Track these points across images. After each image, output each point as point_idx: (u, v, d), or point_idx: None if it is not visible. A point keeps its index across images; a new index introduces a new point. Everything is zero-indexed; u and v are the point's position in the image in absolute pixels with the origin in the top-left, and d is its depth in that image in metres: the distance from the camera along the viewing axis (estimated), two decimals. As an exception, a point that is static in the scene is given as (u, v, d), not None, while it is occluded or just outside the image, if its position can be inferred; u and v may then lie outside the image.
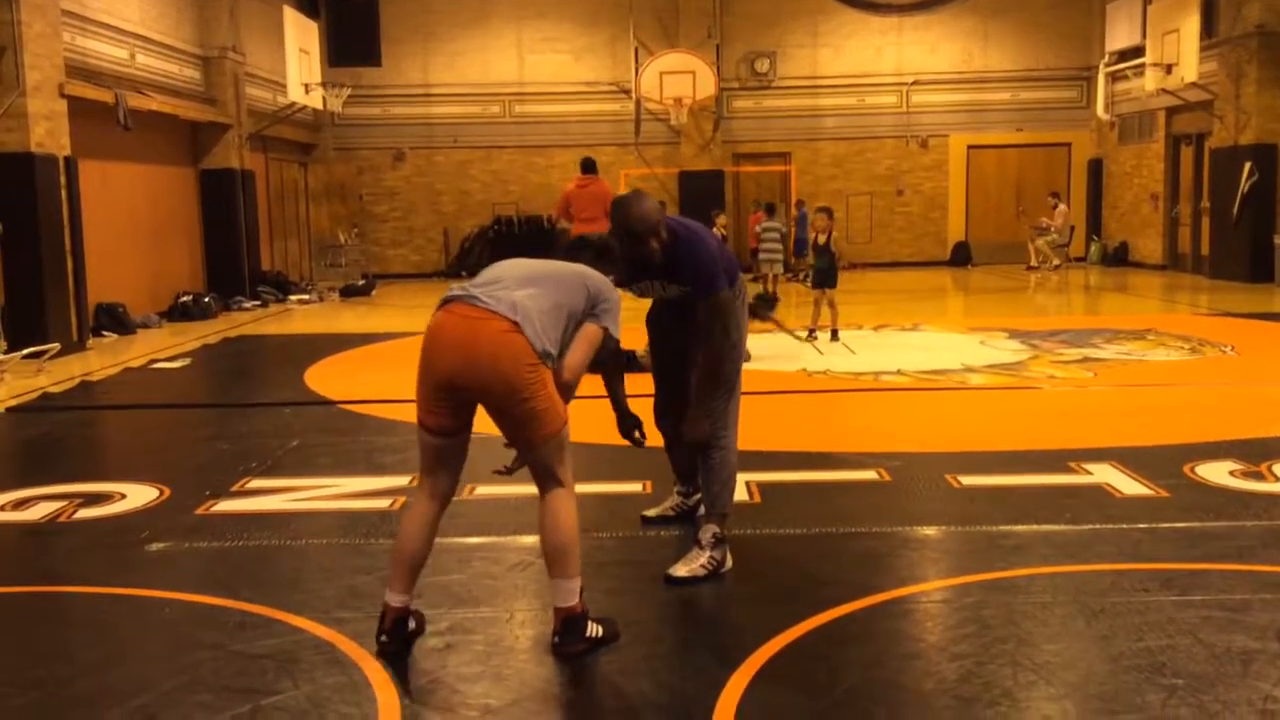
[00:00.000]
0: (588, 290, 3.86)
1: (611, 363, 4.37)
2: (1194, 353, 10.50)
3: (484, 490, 5.87)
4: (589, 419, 7.60)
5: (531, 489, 3.89)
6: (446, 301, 3.80)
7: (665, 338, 4.99)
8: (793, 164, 22.82)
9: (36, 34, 11.63)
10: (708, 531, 4.62)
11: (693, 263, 4.46)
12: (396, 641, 3.77)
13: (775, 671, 3.59)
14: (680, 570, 4.53)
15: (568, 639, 3.74)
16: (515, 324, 3.63)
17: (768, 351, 10.75)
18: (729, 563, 4.60)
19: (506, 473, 4.00)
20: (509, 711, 3.37)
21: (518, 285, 3.76)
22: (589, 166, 10.72)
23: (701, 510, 4.80)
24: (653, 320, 5.04)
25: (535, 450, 3.77)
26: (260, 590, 4.40)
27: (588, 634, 3.77)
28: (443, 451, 3.88)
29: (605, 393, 4.76)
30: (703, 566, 4.53)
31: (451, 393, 3.75)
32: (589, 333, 3.85)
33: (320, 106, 19.19)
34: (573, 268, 3.95)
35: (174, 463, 6.84)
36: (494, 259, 4.18)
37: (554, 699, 3.52)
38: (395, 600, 3.78)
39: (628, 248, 4.32)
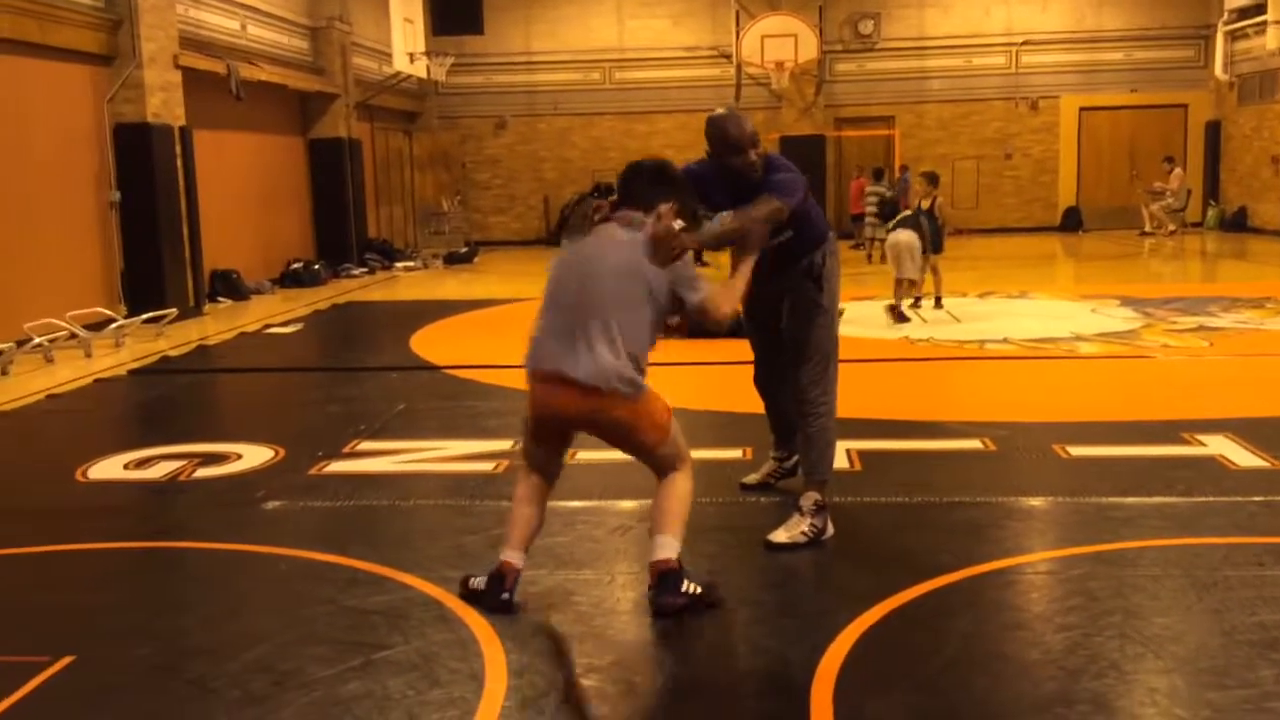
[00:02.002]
0: (643, 277, 3.79)
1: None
2: (1317, 321, 10.12)
3: (585, 455, 5.93)
4: (690, 386, 7.61)
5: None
6: (536, 359, 4.02)
7: (758, 300, 4.95)
8: (896, 128, 22.43)
9: (151, 6, 11.96)
10: (809, 498, 4.62)
11: (782, 176, 4.48)
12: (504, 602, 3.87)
13: (876, 639, 3.58)
14: (780, 536, 4.54)
15: (663, 592, 3.77)
16: (607, 391, 3.75)
17: (870, 319, 10.64)
18: (830, 530, 4.59)
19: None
20: (610, 670, 3.42)
21: (598, 331, 3.77)
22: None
23: (802, 476, 4.80)
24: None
25: (651, 456, 3.92)
26: (370, 548, 4.53)
27: (684, 589, 3.79)
28: (551, 450, 4.16)
29: (707, 360, 4.79)
30: (803, 533, 4.54)
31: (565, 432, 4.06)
32: (709, 294, 3.89)
33: (424, 75, 19.40)
34: (629, 271, 3.82)
35: (287, 424, 7.05)
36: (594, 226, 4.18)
37: (653, 660, 3.56)
38: (519, 560, 3.91)
39: (726, 158, 4.42)
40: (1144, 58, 22.52)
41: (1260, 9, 18.71)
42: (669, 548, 3.79)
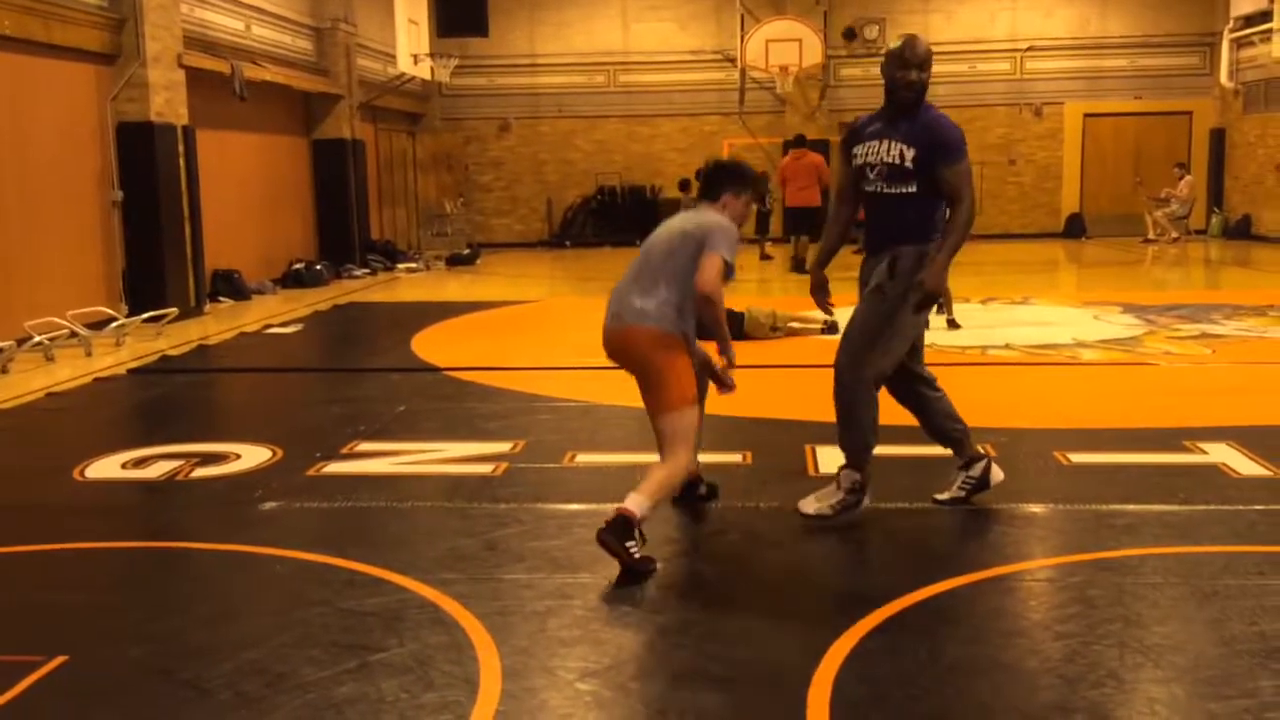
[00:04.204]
0: (689, 236, 4.43)
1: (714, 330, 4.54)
2: (1320, 330, 10.09)
3: (584, 458, 5.93)
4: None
5: (630, 458, 3.94)
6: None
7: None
8: (900, 133, 22.38)
9: (156, 5, 11.96)
10: (847, 476, 4.73)
11: (940, 127, 4.59)
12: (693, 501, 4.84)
13: (875, 644, 3.56)
14: (809, 506, 4.69)
15: (610, 530, 4.15)
16: (655, 329, 4.40)
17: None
18: (866, 502, 4.74)
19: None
20: (606, 675, 3.41)
21: (646, 281, 4.46)
22: (799, 141, 11.33)
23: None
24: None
25: (656, 421, 4.40)
26: (368, 550, 4.51)
27: (626, 542, 4.13)
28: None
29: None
30: (831, 507, 4.66)
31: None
32: (704, 260, 4.36)
33: (428, 77, 19.40)
34: (681, 230, 4.51)
35: (286, 425, 7.03)
36: (596, 231, 4.61)
37: (650, 664, 3.54)
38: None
39: (892, 72, 4.60)
40: (1149, 65, 22.50)
41: (1266, 16, 18.69)
42: (634, 502, 4.19)
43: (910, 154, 4.58)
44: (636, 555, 4.14)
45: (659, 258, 4.47)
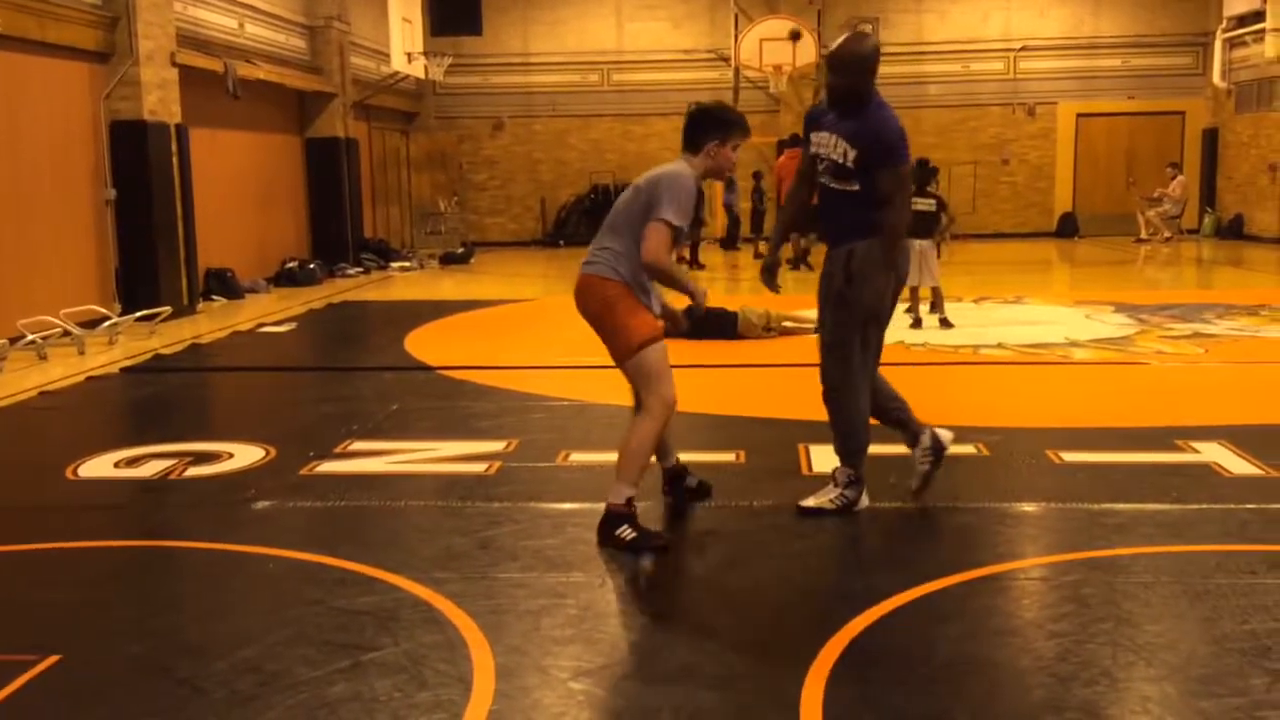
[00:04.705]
0: (640, 191, 4.44)
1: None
2: (1311, 329, 10.12)
3: (578, 457, 5.93)
4: (685, 388, 7.60)
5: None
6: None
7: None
8: (894, 133, 22.40)
9: (149, 3, 11.93)
10: (843, 472, 4.79)
11: (883, 130, 4.60)
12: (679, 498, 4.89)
13: (868, 644, 3.57)
14: (810, 501, 4.75)
15: (601, 532, 4.43)
16: (591, 274, 4.48)
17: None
18: (864, 502, 4.79)
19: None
20: (599, 674, 3.41)
21: (601, 233, 4.55)
22: (794, 140, 11.35)
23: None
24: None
25: (624, 370, 4.51)
26: (360, 549, 4.51)
27: (617, 532, 4.37)
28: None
29: (703, 363, 4.92)
30: (831, 501, 4.73)
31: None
32: (648, 229, 4.37)
33: (422, 76, 19.38)
34: (635, 185, 4.52)
35: (279, 424, 7.02)
36: (590, 230, 4.68)
37: (644, 663, 3.54)
38: (665, 463, 4.85)
39: (834, 76, 4.74)
40: (1141, 64, 22.55)
41: (1259, 16, 18.73)
42: (615, 493, 4.42)
43: (852, 154, 4.60)
44: (630, 537, 4.37)
45: (616, 211, 4.54)
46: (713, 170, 4.57)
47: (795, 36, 20.19)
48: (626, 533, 4.39)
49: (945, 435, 5.05)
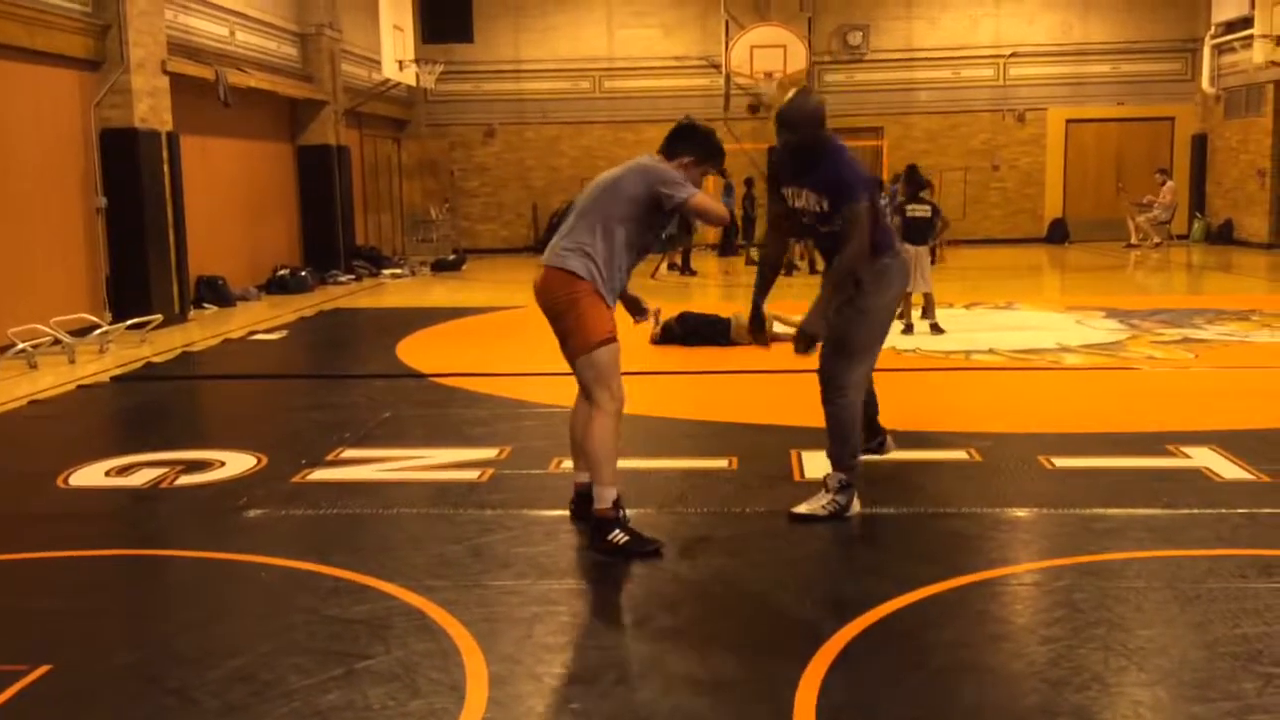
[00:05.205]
0: (625, 187, 4.47)
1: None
2: (1301, 334, 10.16)
3: (570, 464, 5.92)
4: (677, 395, 7.62)
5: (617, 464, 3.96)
6: None
7: None
8: (885, 139, 22.49)
9: (140, 11, 11.93)
10: (834, 478, 4.85)
11: (837, 172, 4.73)
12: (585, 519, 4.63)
13: (861, 650, 3.57)
14: (802, 507, 4.80)
15: (594, 540, 4.46)
16: (561, 269, 4.44)
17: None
18: (856, 507, 4.83)
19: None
20: (592, 681, 3.41)
21: (566, 227, 4.55)
22: None
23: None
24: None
25: (574, 365, 4.56)
26: (353, 557, 4.50)
27: (608, 537, 4.39)
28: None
29: (694, 370, 4.93)
30: (823, 507, 4.78)
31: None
32: (687, 212, 4.46)
33: (414, 83, 19.40)
34: (609, 178, 4.58)
35: (271, 432, 7.01)
36: None
37: (637, 670, 3.54)
38: (580, 478, 4.68)
39: (788, 133, 4.79)
40: (1131, 71, 22.64)
41: (1247, 23, 18.82)
42: (599, 498, 4.43)
43: (825, 201, 4.77)
44: (622, 541, 4.39)
45: (587, 203, 4.55)
46: None
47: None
48: (618, 537, 4.41)
49: (890, 444, 5.51)
